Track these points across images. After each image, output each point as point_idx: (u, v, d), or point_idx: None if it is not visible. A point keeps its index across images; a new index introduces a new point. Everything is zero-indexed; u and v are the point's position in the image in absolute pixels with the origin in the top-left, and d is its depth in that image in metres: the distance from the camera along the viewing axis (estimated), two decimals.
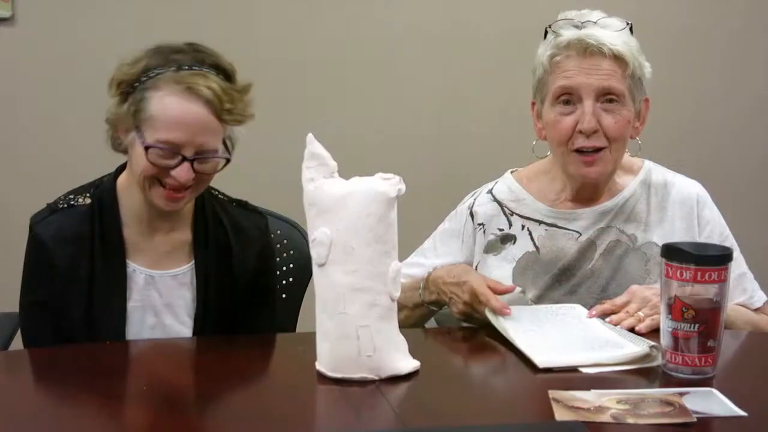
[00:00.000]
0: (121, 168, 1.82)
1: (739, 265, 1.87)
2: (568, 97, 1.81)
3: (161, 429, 1.32)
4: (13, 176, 3.05)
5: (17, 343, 1.97)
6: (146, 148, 1.67)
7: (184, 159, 1.67)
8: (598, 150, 1.81)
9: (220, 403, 1.44)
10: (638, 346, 1.53)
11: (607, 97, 1.79)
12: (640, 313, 1.69)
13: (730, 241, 1.91)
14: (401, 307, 1.83)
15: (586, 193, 1.90)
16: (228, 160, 1.74)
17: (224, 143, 1.75)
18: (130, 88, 1.71)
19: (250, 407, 1.38)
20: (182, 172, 1.67)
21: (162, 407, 1.40)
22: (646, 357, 1.50)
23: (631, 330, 1.65)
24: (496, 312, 1.68)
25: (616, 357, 1.51)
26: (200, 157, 1.69)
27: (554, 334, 1.64)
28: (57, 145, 3.02)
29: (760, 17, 3.45)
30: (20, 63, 3.02)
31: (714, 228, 1.90)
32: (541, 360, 1.50)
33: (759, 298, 1.91)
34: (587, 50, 1.79)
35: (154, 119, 1.67)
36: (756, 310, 1.90)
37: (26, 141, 3.05)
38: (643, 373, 1.51)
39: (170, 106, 1.67)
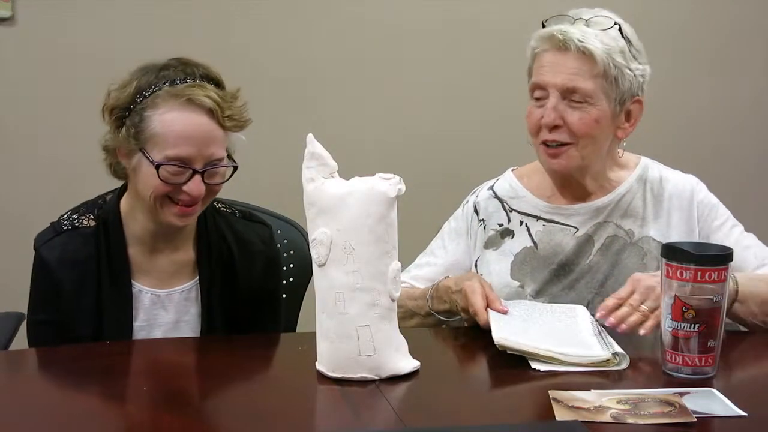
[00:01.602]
0: (122, 191, 1.81)
1: (746, 238, 1.88)
2: (540, 93, 1.84)
3: (161, 428, 1.31)
4: (12, 176, 3.05)
5: (17, 343, 1.97)
6: (157, 167, 1.66)
7: (195, 172, 1.67)
8: (562, 145, 1.82)
9: (220, 403, 1.44)
10: (604, 351, 1.52)
11: (573, 95, 1.80)
12: (644, 307, 1.66)
13: (732, 222, 1.90)
14: (413, 315, 1.84)
15: (572, 189, 1.91)
16: (235, 168, 1.74)
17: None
18: (125, 112, 1.69)
19: (250, 407, 1.38)
20: (194, 186, 1.67)
21: (162, 407, 1.40)
22: (605, 362, 1.50)
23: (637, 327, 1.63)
24: (482, 325, 1.66)
25: (572, 355, 1.51)
26: (210, 169, 1.69)
27: (532, 326, 1.64)
28: (57, 145, 3.02)
29: (759, 16, 3.45)
30: (20, 63, 3.02)
31: (717, 212, 1.90)
32: (498, 336, 1.53)
33: None
34: (556, 45, 1.81)
35: (159, 137, 1.66)
36: None
37: (26, 141, 3.05)
38: (643, 373, 1.51)
39: (174, 122, 1.66)
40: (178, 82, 1.68)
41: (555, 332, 1.61)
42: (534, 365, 1.49)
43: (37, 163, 3.05)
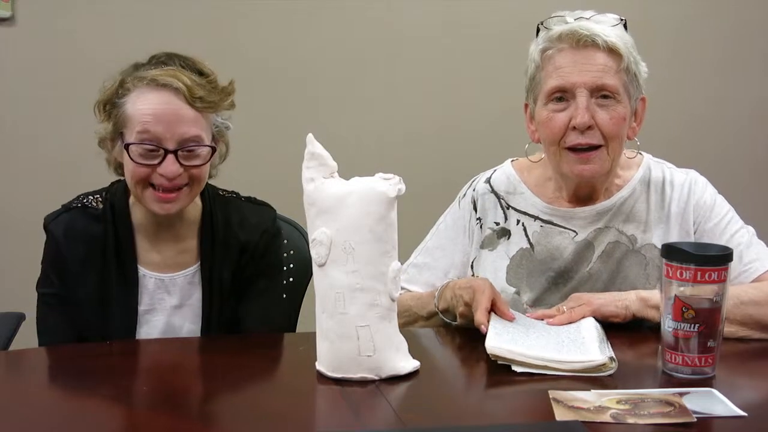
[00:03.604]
0: None
1: (739, 238, 1.82)
2: (562, 95, 1.77)
3: (161, 428, 1.31)
4: (13, 176, 3.05)
5: (17, 343, 1.97)
6: (127, 147, 1.69)
7: (167, 152, 1.68)
8: (593, 148, 1.76)
9: (220, 403, 1.44)
10: (601, 355, 1.48)
11: (601, 93, 1.75)
12: (564, 308, 1.70)
13: (726, 221, 1.84)
14: (416, 318, 1.82)
15: (583, 193, 1.86)
16: (214, 149, 1.75)
17: (213, 136, 1.76)
18: (111, 105, 1.73)
19: (250, 407, 1.38)
20: (168, 167, 1.68)
21: (161, 407, 1.40)
22: (600, 367, 1.46)
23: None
24: (476, 324, 1.64)
25: (566, 362, 1.47)
26: (183, 149, 1.69)
27: (533, 333, 1.61)
28: (57, 145, 3.03)
29: (762, 16, 3.45)
30: (20, 63, 3.02)
31: (712, 212, 1.84)
32: (490, 345, 1.51)
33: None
34: (580, 42, 1.75)
35: (130, 119, 1.70)
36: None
37: (26, 141, 3.05)
38: (643, 373, 1.51)
39: (141, 102, 1.69)
40: (151, 68, 1.72)
41: (555, 339, 1.58)
42: (514, 367, 1.48)
43: (37, 163, 3.05)
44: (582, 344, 1.55)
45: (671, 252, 1.47)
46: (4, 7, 2.97)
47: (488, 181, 1.94)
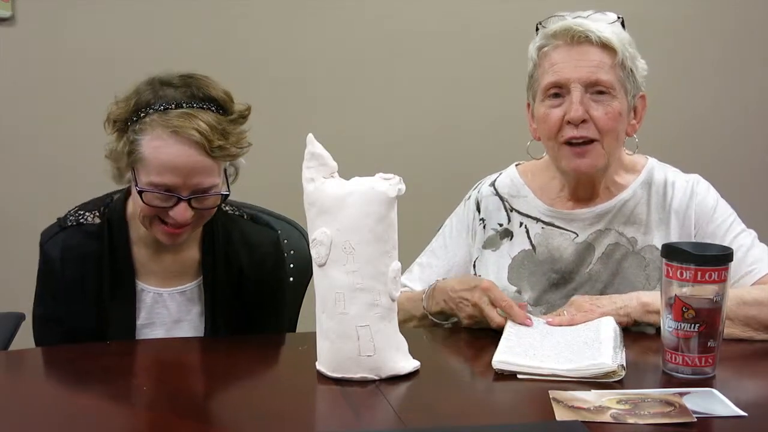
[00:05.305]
0: (128, 192, 1.81)
1: (742, 240, 1.81)
2: (557, 91, 1.79)
3: (160, 428, 1.32)
4: (12, 177, 3.05)
5: (17, 343, 1.97)
6: (140, 193, 1.67)
7: (180, 200, 1.67)
8: (588, 142, 1.77)
9: (220, 403, 1.45)
10: (613, 362, 1.46)
11: (596, 88, 1.77)
12: (565, 312, 1.71)
13: (728, 224, 1.84)
14: (410, 317, 1.82)
15: (584, 191, 1.87)
16: (226, 196, 1.73)
17: (225, 173, 1.74)
18: (124, 125, 1.70)
19: (250, 407, 1.38)
20: (179, 213, 1.67)
21: (161, 407, 1.40)
22: (610, 373, 1.44)
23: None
24: (517, 321, 1.66)
25: (575, 370, 1.46)
26: (197, 196, 1.68)
27: (547, 341, 1.59)
28: (57, 146, 3.02)
29: (764, 16, 3.45)
30: (20, 63, 3.02)
31: (714, 215, 1.84)
32: (496, 360, 1.50)
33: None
34: (574, 38, 1.77)
35: (145, 162, 1.66)
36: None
37: (26, 141, 3.05)
38: (643, 373, 1.51)
39: (158, 151, 1.65)
40: (172, 106, 1.66)
41: (571, 342, 1.57)
42: (519, 376, 1.47)
43: (37, 163, 3.05)
44: (597, 349, 1.52)
45: (671, 252, 1.47)
46: (4, 7, 2.97)
47: (493, 184, 1.97)
